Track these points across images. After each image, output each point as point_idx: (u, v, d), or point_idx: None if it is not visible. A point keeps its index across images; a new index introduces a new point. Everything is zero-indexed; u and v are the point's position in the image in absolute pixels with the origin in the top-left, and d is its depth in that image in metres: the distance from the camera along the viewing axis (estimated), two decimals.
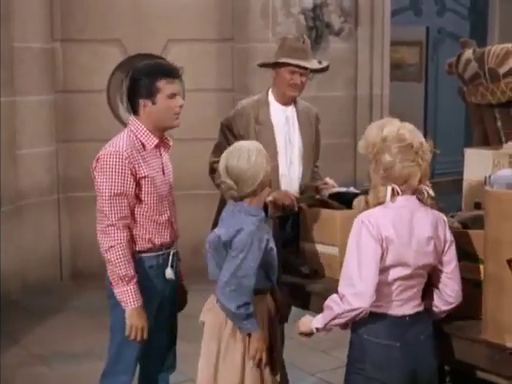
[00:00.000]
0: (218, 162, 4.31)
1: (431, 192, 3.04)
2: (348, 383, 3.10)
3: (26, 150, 7.03)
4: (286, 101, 4.38)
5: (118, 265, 3.49)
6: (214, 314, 3.52)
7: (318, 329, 3.08)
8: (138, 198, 3.58)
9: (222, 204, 4.38)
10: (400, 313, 2.99)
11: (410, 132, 3.00)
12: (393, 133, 2.97)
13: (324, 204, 3.99)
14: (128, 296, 3.53)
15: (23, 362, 5.43)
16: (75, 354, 5.58)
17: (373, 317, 2.98)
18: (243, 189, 3.37)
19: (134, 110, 3.66)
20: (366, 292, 2.90)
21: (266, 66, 4.42)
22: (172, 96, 3.61)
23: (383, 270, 2.94)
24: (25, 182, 7.01)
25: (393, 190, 2.97)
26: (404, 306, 3.00)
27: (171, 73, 3.62)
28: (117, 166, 3.50)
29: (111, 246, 3.48)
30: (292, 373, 3.84)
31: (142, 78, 3.60)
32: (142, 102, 3.60)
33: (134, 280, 3.53)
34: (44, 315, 6.47)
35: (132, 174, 3.52)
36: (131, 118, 3.68)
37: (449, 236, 3.06)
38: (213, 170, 4.41)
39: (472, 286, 3.12)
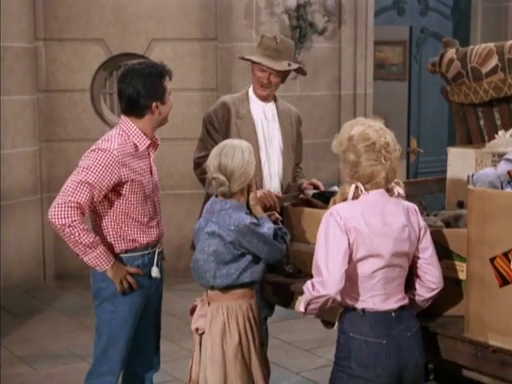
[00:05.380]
0: (202, 157, 4.36)
1: (402, 192, 3.07)
2: (332, 382, 3.10)
3: (8, 150, 6.99)
4: (261, 97, 4.40)
5: (80, 236, 3.47)
6: (211, 321, 3.50)
7: (302, 312, 3.13)
8: (124, 198, 3.59)
9: (207, 202, 4.39)
10: (385, 307, 2.99)
11: (376, 131, 3.01)
12: (358, 132, 3.00)
13: (308, 203, 3.99)
14: (101, 258, 3.53)
15: (6, 363, 5.40)
16: (58, 354, 5.56)
17: (358, 313, 2.99)
18: (234, 186, 3.43)
19: (140, 112, 3.63)
20: (332, 279, 2.93)
21: (244, 59, 4.47)
22: (170, 93, 3.69)
23: (359, 261, 2.96)
24: (8, 182, 6.97)
25: (357, 187, 3.00)
26: (388, 300, 3.00)
27: (169, 71, 3.69)
28: (103, 162, 3.50)
29: (63, 224, 3.44)
30: (276, 372, 3.84)
31: (155, 79, 3.61)
32: (155, 103, 3.61)
33: (101, 244, 3.53)
34: (26, 315, 6.44)
35: (114, 174, 3.51)
36: (123, 118, 3.67)
37: (422, 223, 3.09)
38: (197, 166, 4.41)
39: (455, 284, 3.14)
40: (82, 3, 7.32)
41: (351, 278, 2.99)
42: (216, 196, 3.52)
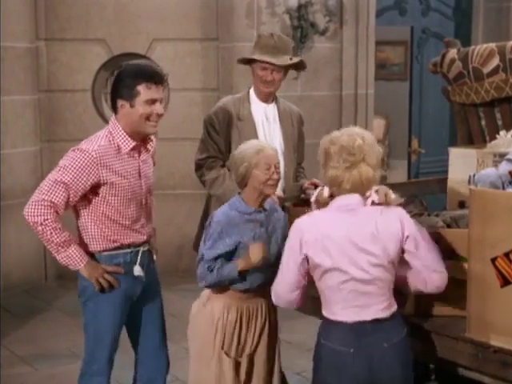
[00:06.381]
0: (203, 159, 4.36)
1: (376, 199, 2.97)
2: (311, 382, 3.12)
3: (9, 150, 6.99)
4: (264, 97, 4.40)
5: (52, 235, 3.49)
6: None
7: None
8: (104, 200, 3.56)
9: (209, 203, 4.39)
10: (356, 319, 2.93)
11: (348, 136, 2.97)
12: (335, 136, 3.01)
13: (309, 203, 3.98)
14: (74, 257, 3.54)
15: (7, 363, 5.40)
16: (59, 354, 5.56)
17: (332, 323, 2.98)
18: (235, 177, 3.49)
19: (114, 108, 3.65)
20: (278, 292, 3.12)
21: (243, 62, 4.46)
22: (151, 102, 3.54)
23: (324, 273, 2.94)
24: (8, 182, 6.97)
25: (322, 190, 3.05)
26: (363, 311, 2.93)
27: (152, 78, 3.54)
28: (80, 163, 3.49)
29: (35, 222, 3.47)
30: None
31: (125, 78, 3.57)
32: (120, 102, 3.57)
33: (75, 244, 3.55)
34: (27, 315, 6.44)
35: (91, 175, 3.49)
36: (112, 118, 3.66)
37: (407, 230, 2.94)
38: (198, 168, 4.41)
39: (456, 285, 3.13)
40: (82, 3, 7.31)
41: (322, 290, 2.99)
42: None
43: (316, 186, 4.29)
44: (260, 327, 3.56)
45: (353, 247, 2.90)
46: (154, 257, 3.87)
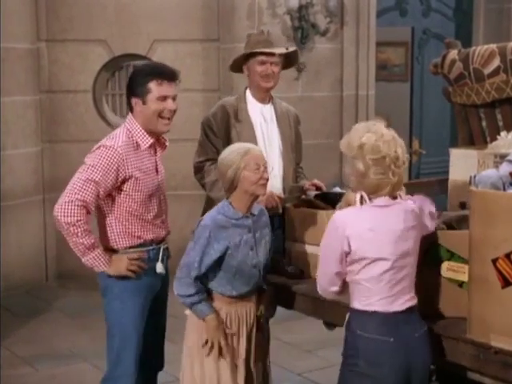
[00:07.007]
0: (202, 162, 4.35)
1: (404, 196, 3.11)
2: (342, 382, 3.09)
3: (10, 151, 7.00)
4: (263, 96, 4.39)
5: (83, 236, 3.50)
6: None
7: None
8: (128, 195, 3.61)
9: (208, 205, 4.38)
10: (391, 310, 2.99)
11: (388, 143, 2.97)
12: (370, 142, 2.96)
13: (310, 204, 3.99)
14: (99, 259, 3.57)
15: (7, 363, 5.40)
16: (60, 355, 5.56)
17: (365, 314, 3.00)
18: (223, 182, 3.46)
19: (130, 107, 3.71)
20: (321, 285, 3.14)
21: (237, 66, 4.46)
22: (162, 98, 3.62)
23: (367, 265, 2.97)
24: (10, 183, 6.98)
25: (362, 197, 3.01)
26: (395, 302, 2.99)
27: (163, 74, 3.64)
28: (107, 159, 3.53)
29: (68, 223, 3.48)
30: (278, 373, 3.85)
31: (137, 76, 3.66)
32: (134, 100, 3.65)
33: (100, 247, 3.59)
34: (28, 316, 6.45)
35: (119, 171, 3.54)
36: (128, 116, 3.73)
37: (429, 225, 3.18)
38: (197, 171, 4.41)
39: (457, 286, 3.13)
40: (83, 4, 7.32)
41: (359, 283, 3.01)
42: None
43: (317, 187, 4.30)
44: (249, 331, 3.54)
45: (391, 239, 2.97)
46: (171, 253, 3.93)
